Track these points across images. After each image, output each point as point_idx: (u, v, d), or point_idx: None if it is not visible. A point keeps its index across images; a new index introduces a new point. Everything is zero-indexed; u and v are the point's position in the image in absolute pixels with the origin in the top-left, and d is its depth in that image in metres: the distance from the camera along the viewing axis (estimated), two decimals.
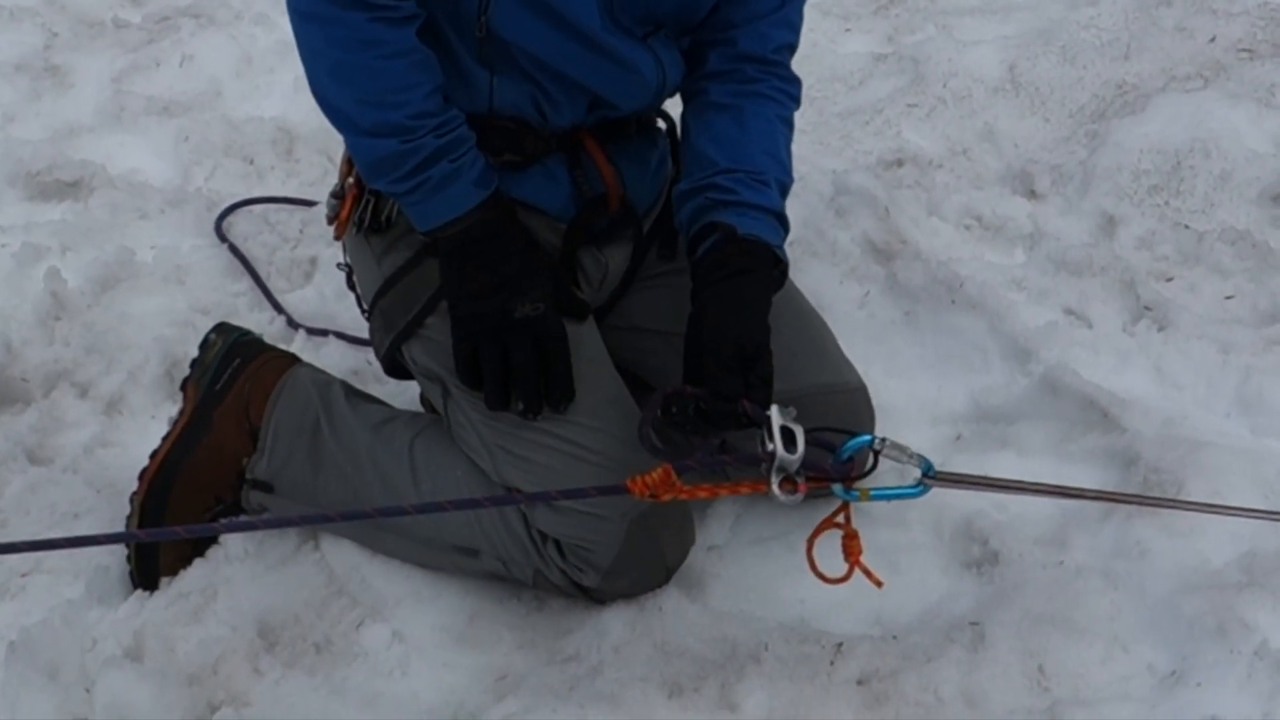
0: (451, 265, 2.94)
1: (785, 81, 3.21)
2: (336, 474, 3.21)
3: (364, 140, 2.87)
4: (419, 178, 2.85)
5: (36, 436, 3.67)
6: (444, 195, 2.88)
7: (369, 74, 2.80)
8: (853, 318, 3.88)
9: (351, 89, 2.83)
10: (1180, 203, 4.42)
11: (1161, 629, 2.91)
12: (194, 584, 3.18)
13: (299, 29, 2.86)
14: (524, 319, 2.87)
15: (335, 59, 2.82)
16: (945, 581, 3.18)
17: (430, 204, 2.89)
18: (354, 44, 2.78)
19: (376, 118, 2.82)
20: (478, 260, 2.90)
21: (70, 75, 5.38)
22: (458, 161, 2.87)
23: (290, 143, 4.98)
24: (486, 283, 2.89)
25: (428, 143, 2.83)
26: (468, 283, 2.91)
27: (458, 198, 2.88)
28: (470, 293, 2.90)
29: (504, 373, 2.90)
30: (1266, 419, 3.49)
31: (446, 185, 2.86)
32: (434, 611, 3.14)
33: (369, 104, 2.82)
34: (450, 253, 2.93)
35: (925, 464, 2.60)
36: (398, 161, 2.84)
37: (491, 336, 2.88)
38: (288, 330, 4.07)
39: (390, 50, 2.79)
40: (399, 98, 2.81)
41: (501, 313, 2.87)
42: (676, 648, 2.98)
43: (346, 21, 2.77)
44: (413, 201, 2.90)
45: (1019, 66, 5.14)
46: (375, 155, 2.86)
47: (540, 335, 2.88)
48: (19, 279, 4.21)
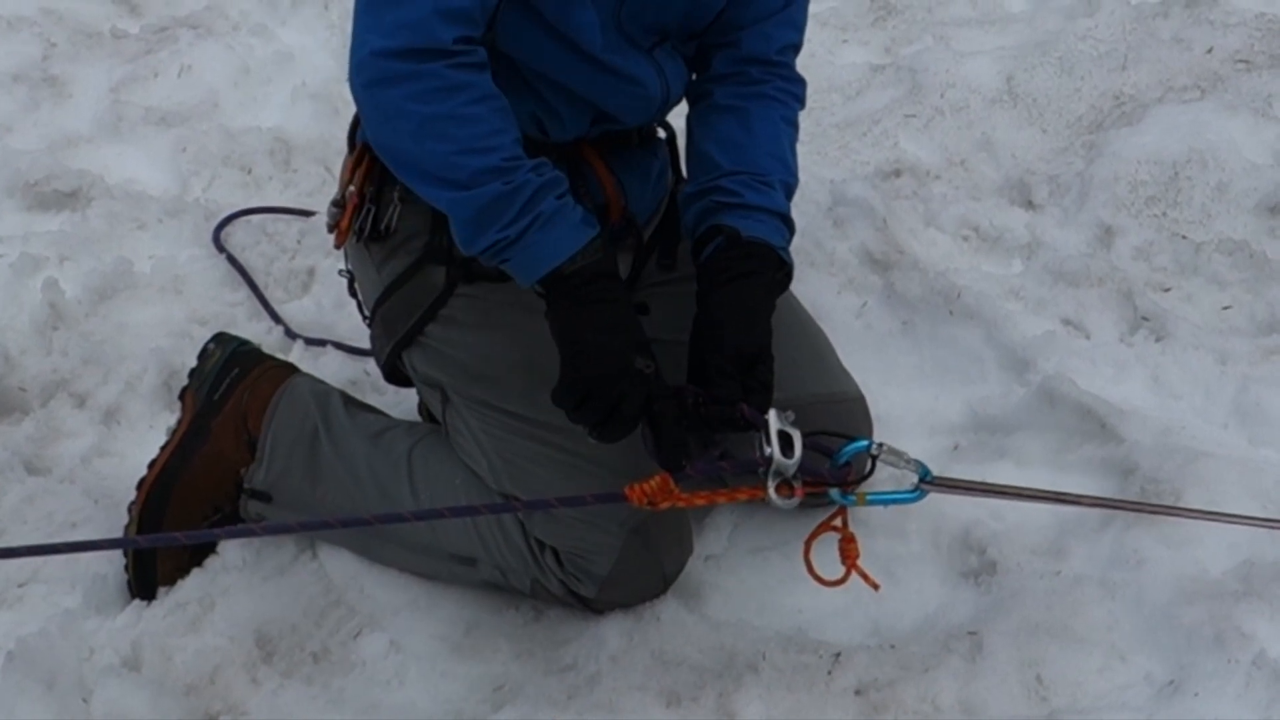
0: (566, 311, 2.79)
1: (789, 82, 3.21)
2: (335, 484, 3.21)
3: (463, 195, 2.73)
4: (530, 216, 2.73)
5: (34, 446, 3.67)
6: (556, 233, 2.76)
7: (458, 122, 2.70)
8: (850, 328, 3.89)
9: (444, 142, 2.71)
10: (1178, 213, 4.42)
11: (1159, 638, 2.92)
12: (192, 594, 3.18)
13: (372, 100, 2.76)
14: (640, 373, 2.75)
15: (420, 116, 2.70)
16: (943, 591, 3.19)
17: (543, 245, 2.75)
18: (439, 94, 2.69)
19: (474, 165, 2.71)
20: (597, 305, 2.78)
21: (68, 85, 5.37)
22: (562, 199, 2.78)
23: (288, 153, 4.97)
24: (608, 329, 2.77)
25: (530, 180, 2.73)
26: (588, 328, 2.77)
27: (569, 235, 2.77)
28: (592, 338, 2.76)
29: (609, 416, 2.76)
30: (1264, 429, 3.49)
31: (557, 222, 2.76)
32: (431, 621, 3.15)
33: (462, 153, 2.71)
34: (563, 299, 2.79)
35: (922, 469, 2.61)
36: (504, 205, 2.72)
37: (611, 384, 2.73)
38: (286, 340, 4.07)
39: (476, 94, 2.72)
40: (492, 141, 2.73)
41: (624, 364, 2.74)
42: (674, 657, 2.98)
43: (427, 73, 2.68)
44: (525, 245, 2.75)
45: (1016, 77, 5.14)
46: (479, 204, 2.72)
47: (653, 391, 2.75)
48: (17, 289, 4.21)
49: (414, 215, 3.07)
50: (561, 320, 2.79)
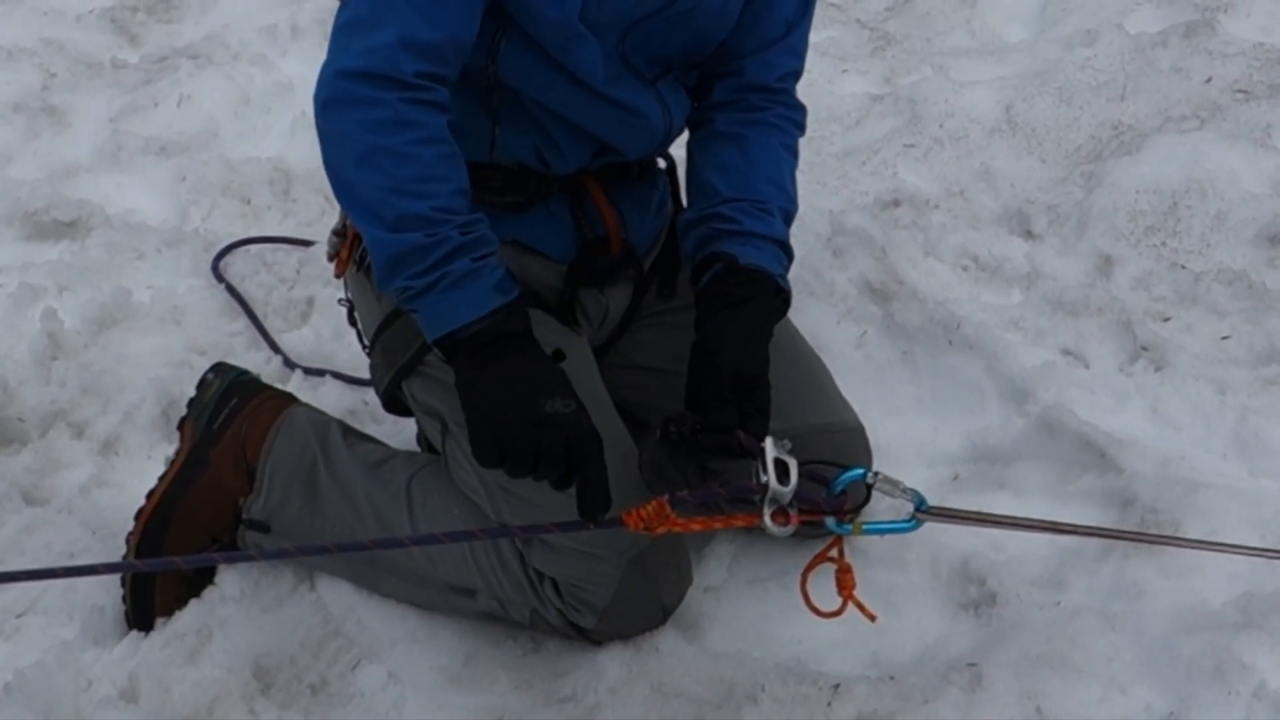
0: (468, 371, 2.76)
1: (790, 109, 3.23)
2: (333, 514, 3.21)
3: (386, 235, 2.72)
4: (438, 272, 2.71)
5: (32, 477, 3.66)
6: (462, 294, 2.73)
7: (399, 159, 2.69)
8: (850, 358, 3.89)
9: (379, 176, 2.70)
10: (1177, 243, 4.42)
11: (1159, 670, 2.91)
12: (189, 625, 3.17)
13: (327, 118, 2.75)
14: (554, 414, 2.70)
15: (366, 144, 2.70)
16: (942, 622, 3.18)
17: (446, 303, 2.74)
18: (387, 126, 2.69)
19: (402, 208, 2.70)
20: (498, 361, 2.74)
21: (68, 115, 5.38)
22: (480, 262, 2.75)
23: (287, 183, 4.98)
24: (511, 380, 2.73)
25: (451, 236, 2.72)
26: (487, 384, 2.74)
27: (476, 299, 2.74)
28: (493, 395, 2.73)
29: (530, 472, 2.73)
30: (1263, 460, 3.49)
31: (465, 284, 2.73)
32: (430, 652, 3.14)
33: (396, 192, 2.70)
34: (467, 358, 2.76)
35: (918, 499, 2.62)
36: (419, 255, 2.71)
37: (519, 436, 2.69)
38: (284, 370, 4.07)
39: (423, 135, 2.71)
40: (427, 188, 2.71)
41: (530, 409, 2.69)
42: (673, 689, 2.98)
43: (382, 102, 2.68)
44: (428, 302, 2.75)
45: (1015, 107, 5.15)
46: (396, 250, 2.72)
47: (573, 436, 2.69)
48: (16, 319, 4.21)
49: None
50: (462, 384, 2.78)
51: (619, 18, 2.88)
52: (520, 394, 2.71)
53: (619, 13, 2.87)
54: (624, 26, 2.90)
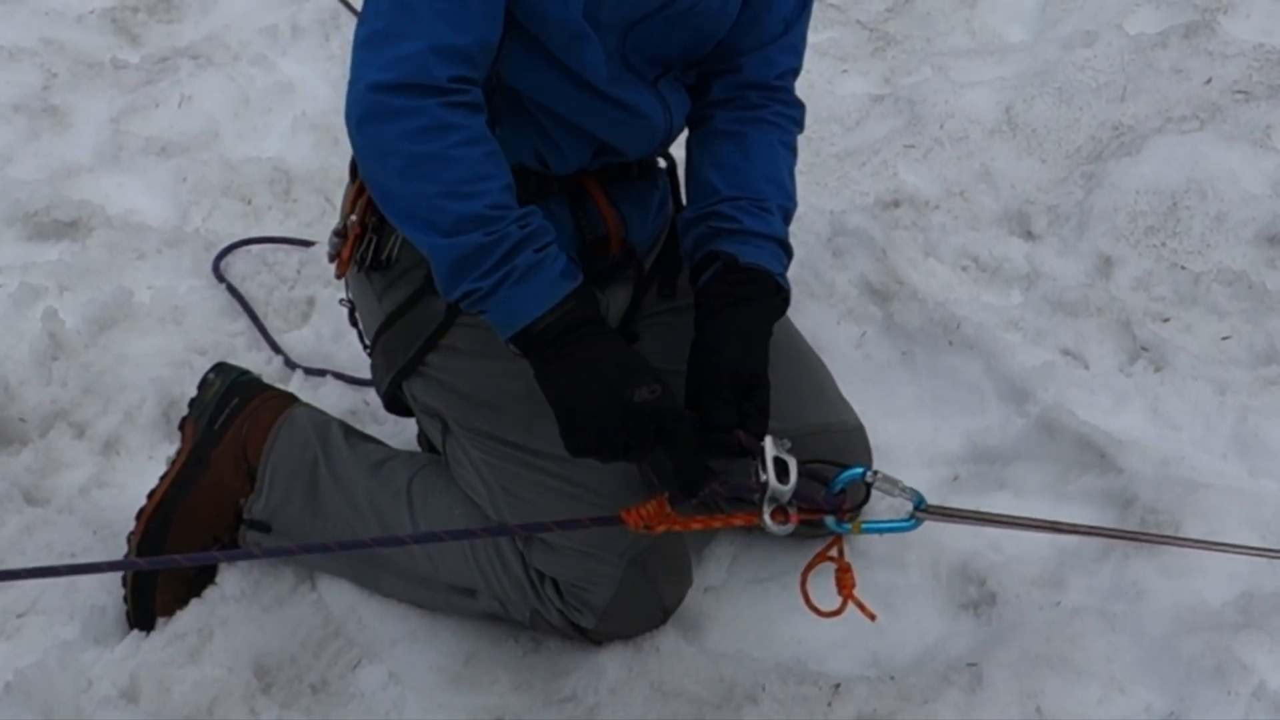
0: (549, 364, 2.75)
1: (788, 106, 3.23)
2: (334, 514, 3.21)
3: (444, 241, 2.71)
4: (504, 269, 2.71)
5: (33, 477, 3.66)
6: (531, 288, 2.73)
7: (445, 163, 2.69)
8: (850, 358, 3.89)
9: (427, 184, 2.70)
10: (1177, 244, 4.42)
11: (1159, 670, 2.91)
12: (190, 624, 3.17)
13: (364, 135, 2.75)
14: (643, 403, 2.68)
15: (407, 154, 2.69)
16: (942, 622, 3.18)
17: (516, 299, 2.73)
18: (428, 133, 2.68)
19: (456, 211, 2.69)
20: (578, 351, 2.74)
21: (69, 115, 5.38)
22: (543, 252, 2.75)
23: (288, 183, 4.98)
24: (595, 370, 2.73)
25: (511, 232, 2.71)
26: (572, 376, 2.73)
27: (545, 290, 2.74)
28: (579, 386, 2.72)
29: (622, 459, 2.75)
30: (1263, 460, 3.49)
31: (532, 276, 2.73)
32: (430, 652, 3.14)
33: (447, 196, 2.70)
34: (545, 350, 2.75)
35: (917, 498, 2.62)
36: (481, 256, 2.70)
37: (611, 435, 2.70)
38: (285, 370, 4.07)
39: (465, 137, 2.71)
40: (477, 187, 2.71)
41: (621, 400, 2.68)
42: (673, 689, 2.98)
43: (420, 110, 2.67)
44: (499, 300, 2.74)
45: (1015, 108, 5.15)
46: (457, 254, 2.71)
47: (661, 421, 2.69)
48: (16, 319, 4.21)
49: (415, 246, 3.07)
50: (544, 379, 2.77)
51: (620, 17, 2.88)
52: (607, 384, 2.71)
53: (620, 12, 2.87)
54: (625, 26, 2.90)
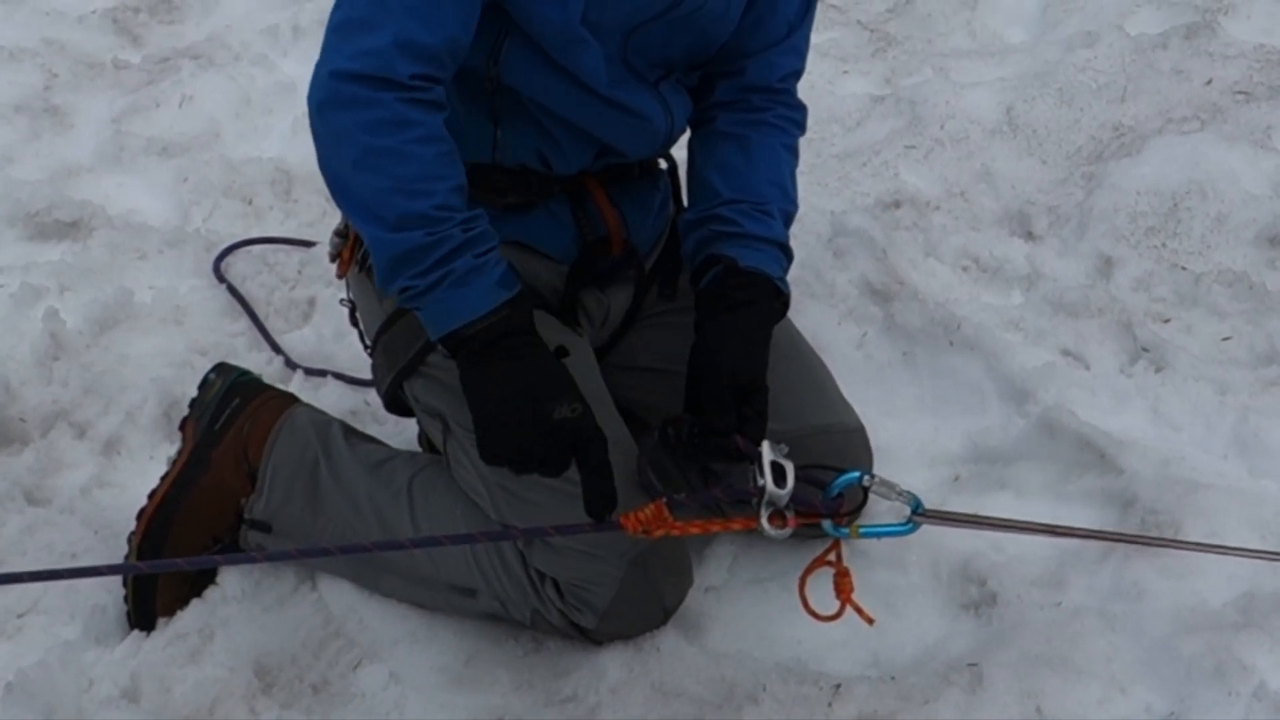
0: (474, 369, 2.77)
1: (790, 109, 3.23)
2: (335, 514, 3.21)
3: (387, 235, 2.73)
4: (441, 270, 2.72)
5: (34, 477, 3.66)
6: (465, 292, 2.74)
7: (397, 159, 2.69)
8: (850, 359, 3.89)
9: (378, 176, 2.71)
10: (1177, 244, 4.42)
11: (1159, 670, 2.91)
12: (191, 624, 3.17)
13: (323, 120, 2.75)
14: (562, 421, 2.71)
15: (362, 145, 2.70)
16: (943, 623, 3.18)
17: (450, 302, 2.75)
18: (384, 126, 2.69)
19: (402, 208, 2.70)
20: (505, 361, 2.75)
21: (70, 116, 5.39)
22: (482, 258, 2.76)
23: (289, 183, 4.98)
24: (518, 383, 2.74)
25: (453, 235, 2.72)
26: (495, 384, 2.75)
27: (479, 296, 2.75)
28: (501, 395, 2.74)
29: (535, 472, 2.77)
30: (1264, 460, 3.49)
31: (469, 281, 2.74)
32: (431, 652, 3.14)
33: (395, 191, 2.70)
34: (472, 356, 2.77)
35: (914, 501, 2.63)
36: (421, 255, 2.71)
37: (526, 441, 2.72)
38: (286, 370, 4.07)
39: (420, 134, 2.71)
40: (426, 186, 2.71)
41: (538, 417, 2.70)
42: (674, 689, 2.98)
43: (379, 102, 2.68)
44: (433, 300, 2.76)
45: (1016, 109, 5.15)
46: (398, 250, 2.72)
47: (579, 441, 2.73)
48: (17, 319, 4.21)
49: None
50: (467, 383, 2.79)
51: (621, 21, 2.88)
52: (527, 399, 2.72)
53: (621, 16, 2.87)
54: (626, 30, 2.90)
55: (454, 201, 2.75)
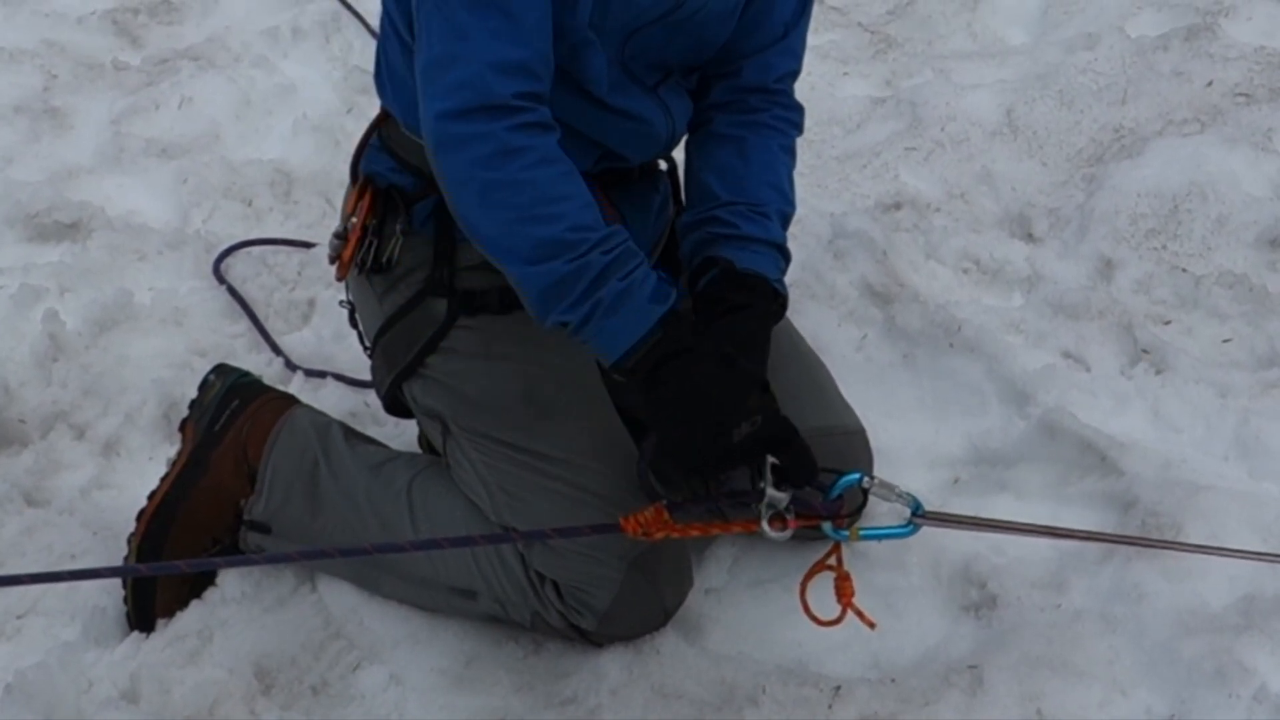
0: (649, 392, 2.72)
1: (788, 109, 3.23)
2: (334, 515, 3.21)
3: (529, 270, 2.69)
4: (591, 301, 2.68)
5: (33, 478, 3.66)
6: (620, 319, 2.70)
7: (515, 188, 2.66)
8: (851, 360, 3.89)
9: (502, 210, 2.67)
10: (1178, 246, 4.42)
11: (1160, 672, 2.91)
12: (190, 626, 3.17)
13: (441, 164, 2.71)
14: (743, 441, 2.66)
15: (480, 181, 2.66)
16: (943, 624, 3.18)
17: (607, 333, 2.71)
18: (497, 158, 2.64)
19: (534, 235, 2.66)
20: (676, 383, 2.70)
21: (69, 117, 5.38)
22: (628, 279, 2.71)
23: (289, 185, 4.98)
24: (694, 409, 2.69)
25: (594, 260, 2.67)
26: (671, 409, 2.70)
27: (634, 321, 2.71)
28: (681, 418, 2.69)
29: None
30: (1264, 462, 3.49)
31: (619, 308, 2.69)
32: (431, 654, 3.14)
33: (521, 221, 2.66)
34: (644, 382, 2.72)
35: (914, 503, 2.63)
36: (566, 286, 2.67)
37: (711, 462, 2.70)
38: (286, 372, 4.07)
39: (535, 159, 2.67)
40: (551, 210, 2.67)
41: (721, 443, 2.66)
42: (674, 690, 2.98)
43: (488, 135, 2.64)
44: (591, 333, 2.71)
45: (1016, 110, 5.15)
46: (544, 283, 2.68)
47: (769, 448, 2.67)
48: (17, 320, 4.21)
49: (416, 248, 3.08)
50: (647, 405, 2.75)
51: (622, 24, 2.87)
52: (707, 426, 2.67)
53: (622, 19, 2.86)
54: (625, 33, 2.90)
55: (586, 220, 2.70)
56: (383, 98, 3.15)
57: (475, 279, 3.07)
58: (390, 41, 3.03)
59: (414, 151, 3.04)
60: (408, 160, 3.08)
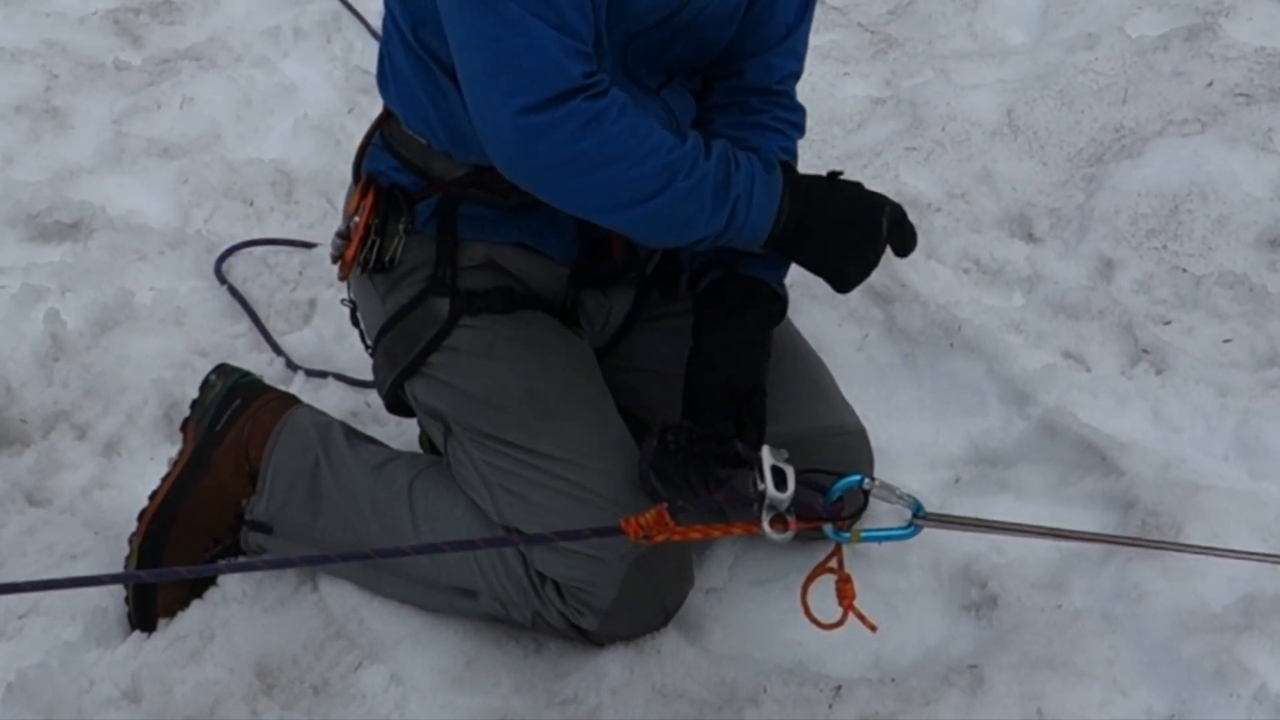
0: (801, 241, 2.96)
1: (789, 111, 3.24)
2: (335, 515, 3.21)
3: (655, 204, 2.75)
4: (729, 203, 2.81)
5: (35, 478, 3.66)
6: (757, 202, 2.87)
7: (611, 144, 2.69)
8: (851, 360, 3.89)
9: (606, 171, 2.71)
10: (1178, 246, 4.42)
11: (1160, 672, 2.91)
12: (192, 626, 3.17)
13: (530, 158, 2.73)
14: (889, 226, 3.03)
15: (574, 155, 2.68)
16: (944, 624, 3.18)
17: (754, 218, 2.87)
18: (585, 129, 2.67)
19: (645, 171, 2.72)
20: (818, 226, 2.96)
21: (70, 117, 5.38)
22: (741, 167, 2.86)
23: (290, 185, 4.98)
24: (839, 228, 2.98)
25: (707, 168, 2.78)
26: (825, 240, 2.98)
27: (768, 196, 2.90)
28: (840, 244, 3.00)
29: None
30: (1264, 462, 3.49)
31: (753, 193, 2.86)
32: (432, 653, 3.14)
33: (630, 166, 2.72)
34: (793, 237, 2.95)
35: (915, 505, 2.63)
36: (696, 201, 2.77)
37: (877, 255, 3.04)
38: (287, 372, 4.07)
39: (616, 111, 2.70)
40: (648, 143, 2.73)
41: (875, 243, 3.01)
42: (675, 690, 2.98)
43: (572, 113, 2.66)
44: (739, 227, 2.86)
45: (1017, 110, 5.15)
46: (670, 208, 2.76)
47: (900, 222, 3.06)
48: (18, 320, 4.21)
49: (418, 247, 3.08)
50: (808, 251, 3.01)
51: (625, 27, 2.87)
52: (863, 231, 3.01)
53: (625, 23, 2.86)
54: (627, 37, 2.90)
55: (673, 139, 2.79)
56: (385, 97, 3.15)
57: (478, 278, 3.07)
58: (393, 41, 3.03)
59: (416, 151, 3.05)
60: (410, 160, 3.09)
